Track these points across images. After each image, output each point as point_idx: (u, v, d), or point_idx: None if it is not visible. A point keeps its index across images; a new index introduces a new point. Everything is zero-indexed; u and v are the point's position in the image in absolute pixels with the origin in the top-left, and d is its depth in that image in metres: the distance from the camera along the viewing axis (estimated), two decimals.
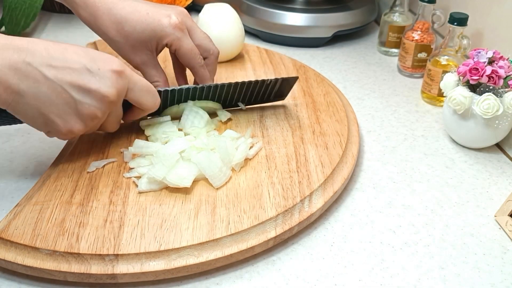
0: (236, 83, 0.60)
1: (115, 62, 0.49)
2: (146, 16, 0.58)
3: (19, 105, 0.45)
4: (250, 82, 0.60)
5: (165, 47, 0.60)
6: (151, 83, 0.56)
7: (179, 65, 0.65)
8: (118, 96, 0.49)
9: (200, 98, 0.61)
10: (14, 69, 0.43)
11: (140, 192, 0.50)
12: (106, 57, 0.49)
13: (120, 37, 0.58)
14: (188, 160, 0.52)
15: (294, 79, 0.63)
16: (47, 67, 0.45)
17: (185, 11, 0.61)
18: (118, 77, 0.48)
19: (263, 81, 0.61)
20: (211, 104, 0.62)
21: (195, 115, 0.59)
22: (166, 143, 0.55)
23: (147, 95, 0.53)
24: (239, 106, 0.64)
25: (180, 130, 0.59)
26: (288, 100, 0.68)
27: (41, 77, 0.44)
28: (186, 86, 0.59)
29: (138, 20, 0.57)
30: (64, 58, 0.46)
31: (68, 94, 0.46)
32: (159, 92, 0.56)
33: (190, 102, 0.60)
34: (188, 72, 0.64)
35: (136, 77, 0.51)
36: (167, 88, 0.58)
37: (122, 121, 0.57)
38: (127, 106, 0.54)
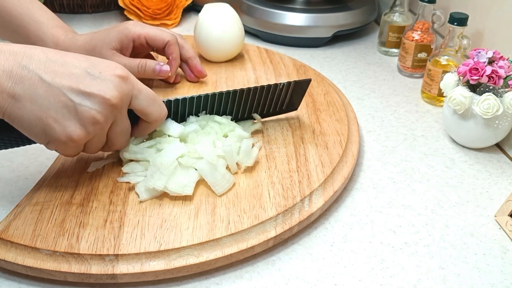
0: (249, 88, 0.57)
1: (118, 67, 0.47)
2: (105, 31, 0.66)
3: (15, 110, 0.42)
4: (263, 86, 0.58)
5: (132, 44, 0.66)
6: (139, 63, 0.65)
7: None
8: (121, 100, 0.46)
9: (211, 107, 0.57)
10: (8, 72, 0.41)
11: (141, 202, 0.50)
12: (109, 63, 0.47)
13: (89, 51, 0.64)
14: (186, 166, 0.51)
15: (307, 82, 0.61)
16: (44, 70, 0.43)
17: None
18: (122, 81, 0.46)
19: (276, 85, 0.59)
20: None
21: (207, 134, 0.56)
22: (160, 150, 0.53)
23: (153, 104, 0.49)
24: (254, 119, 0.61)
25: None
26: None
27: (38, 80, 0.42)
28: (195, 95, 0.56)
29: (101, 33, 0.65)
30: (63, 62, 0.44)
31: (67, 97, 0.43)
32: (165, 102, 0.53)
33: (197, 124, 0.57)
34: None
35: (141, 85, 0.49)
36: (170, 99, 0.54)
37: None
38: (133, 121, 0.51)
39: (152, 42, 0.67)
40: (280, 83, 0.59)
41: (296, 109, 0.64)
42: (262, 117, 0.62)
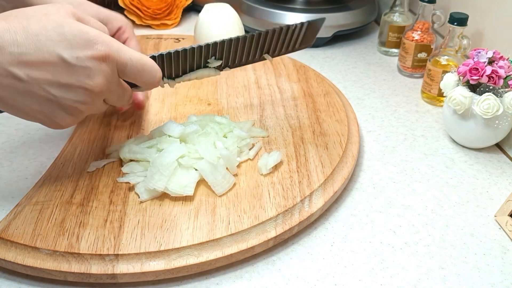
0: (259, 33, 0.55)
1: (97, 43, 0.41)
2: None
3: (1, 106, 0.42)
4: (274, 30, 0.55)
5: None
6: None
7: None
8: (107, 83, 0.43)
9: (220, 54, 0.55)
10: None
11: (141, 202, 0.50)
12: (85, 38, 0.41)
13: None
14: (187, 167, 0.51)
15: (321, 21, 0.58)
16: (18, 65, 0.39)
17: None
18: (102, 62, 0.42)
19: (288, 26, 0.56)
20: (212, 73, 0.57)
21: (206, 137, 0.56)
22: (161, 150, 0.53)
23: (143, 73, 0.45)
24: (265, 59, 0.59)
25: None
26: (288, 100, 0.68)
27: (13, 79, 0.39)
28: (194, 45, 0.52)
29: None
30: (37, 50, 0.39)
31: (47, 91, 0.41)
32: (155, 57, 0.49)
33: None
34: None
35: (126, 56, 0.44)
36: (170, 51, 0.50)
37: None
38: None
39: (105, 20, 0.57)
40: (293, 25, 0.56)
41: (310, 45, 0.62)
42: (274, 56, 0.60)
